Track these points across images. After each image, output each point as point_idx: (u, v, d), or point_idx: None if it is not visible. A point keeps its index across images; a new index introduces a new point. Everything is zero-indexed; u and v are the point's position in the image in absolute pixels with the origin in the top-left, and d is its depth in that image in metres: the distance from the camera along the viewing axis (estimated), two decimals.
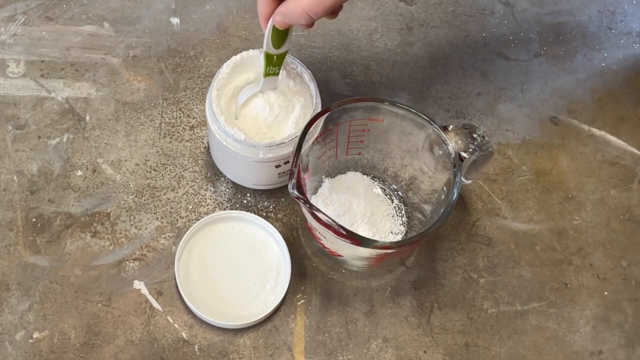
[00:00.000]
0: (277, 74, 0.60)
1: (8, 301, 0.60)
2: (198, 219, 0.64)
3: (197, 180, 0.66)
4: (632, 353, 0.61)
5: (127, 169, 0.66)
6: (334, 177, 0.65)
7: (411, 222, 0.63)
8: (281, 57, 0.59)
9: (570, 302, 0.63)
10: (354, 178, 0.65)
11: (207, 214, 0.64)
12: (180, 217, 0.64)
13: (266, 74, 0.59)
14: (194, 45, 0.74)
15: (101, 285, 0.61)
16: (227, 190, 0.66)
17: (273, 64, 0.59)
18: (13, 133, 0.68)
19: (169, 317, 0.60)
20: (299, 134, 0.55)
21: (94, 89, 0.70)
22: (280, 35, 0.57)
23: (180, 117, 0.69)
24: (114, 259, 0.62)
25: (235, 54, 0.61)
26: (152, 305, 0.60)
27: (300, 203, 0.52)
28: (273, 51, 0.58)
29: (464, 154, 0.55)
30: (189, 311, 0.60)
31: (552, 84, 0.74)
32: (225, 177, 0.66)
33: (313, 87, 0.61)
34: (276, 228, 0.62)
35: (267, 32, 0.56)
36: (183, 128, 0.69)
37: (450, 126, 0.56)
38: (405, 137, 0.60)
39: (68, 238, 0.63)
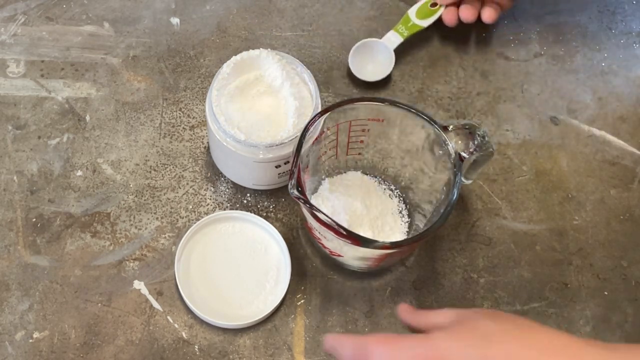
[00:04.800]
0: (403, 37, 0.72)
1: (8, 301, 0.60)
2: (198, 219, 0.64)
3: (197, 180, 0.66)
4: None
5: (127, 169, 0.66)
6: (334, 177, 0.65)
7: (411, 222, 0.63)
8: (413, 28, 0.72)
9: (570, 302, 0.63)
10: (354, 178, 0.65)
11: (207, 214, 0.64)
12: (180, 217, 0.64)
13: (395, 29, 0.72)
14: (194, 45, 0.74)
15: (101, 285, 0.61)
16: (227, 190, 0.66)
17: (406, 26, 0.72)
18: (13, 133, 0.68)
19: (169, 317, 0.60)
20: (299, 134, 0.55)
21: (94, 89, 0.70)
22: (426, 11, 0.72)
23: (180, 117, 0.69)
24: (114, 259, 0.62)
25: (235, 54, 0.61)
26: (152, 305, 0.60)
27: (300, 203, 0.52)
28: (412, 16, 0.72)
29: (464, 154, 0.55)
30: (189, 311, 0.60)
31: (552, 84, 0.74)
32: (225, 177, 0.66)
33: (313, 87, 0.61)
34: (276, 228, 0.62)
35: (421, 3, 0.73)
36: (183, 128, 0.69)
37: (450, 126, 0.56)
38: (405, 137, 0.60)
39: (68, 238, 0.63)
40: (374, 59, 0.72)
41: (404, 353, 0.43)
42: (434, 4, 0.74)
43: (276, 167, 0.61)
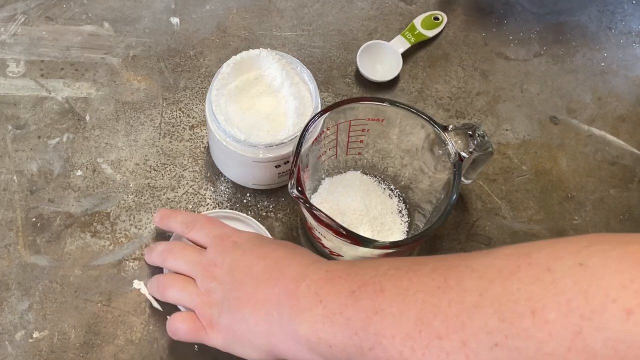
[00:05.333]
0: (410, 43, 0.74)
1: (8, 301, 0.60)
2: None
3: (197, 180, 0.66)
4: None
5: (127, 169, 0.67)
6: (334, 177, 0.65)
7: (411, 222, 0.63)
8: (419, 36, 0.74)
9: None
10: (354, 178, 0.65)
11: None
12: None
13: (403, 34, 0.74)
14: (194, 45, 0.74)
15: (101, 285, 0.61)
16: (227, 190, 0.66)
17: (412, 34, 0.74)
18: (13, 133, 0.68)
19: (169, 317, 0.60)
20: (299, 134, 0.55)
21: (94, 89, 0.70)
22: (431, 23, 0.76)
23: (180, 117, 0.69)
24: (114, 259, 0.62)
25: (235, 54, 0.61)
26: (152, 305, 0.60)
27: (300, 203, 0.52)
28: (418, 26, 0.75)
29: (464, 154, 0.55)
30: None
31: (552, 84, 0.74)
32: (225, 177, 0.66)
33: (313, 87, 0.61)
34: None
35: (425, 15, 0.76)
36: (183, 128, 0.69)
37: (450, 126, 0.56)
38: (405, 137, 0.60)
39: (68, 238, 0.63)
40: (382, 60, 0.73)
41: (218, 228, 0.57)
42: (437, 18, 0.76)
43: (276, 167, 0.61)
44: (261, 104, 0.61)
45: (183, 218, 0.59)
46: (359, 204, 0.62)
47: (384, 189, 0.65)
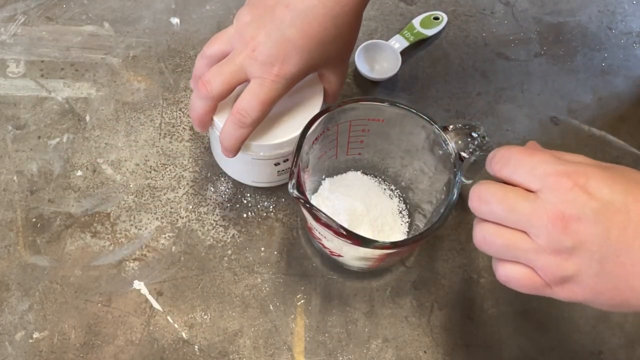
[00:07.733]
0: (409, 41, 0.74)
1: (8, 301, 0.60)
2: (198, 219, 0.64)
3: (197, 180, 0.66)
4: (632, 353, 0.61)
5: (127, 169, 0.66)
6: (334, 177, 0.65)
7: (411, 222, 0.63)
8: (417, 35, 0.75)
9: (571, 303, 0.63)
10: (354, 178, 0.65)
11: (207, 214, 0.64)
12: (180, 217, 0.64)
13: (401, 33, 0.74)
14: (194, 45, 0.74)
15: (101, 285, 0.61)
16: (227, 190, 0.66)
17: (411, 33, 0.75)
18: (13, 133, 0.68)
19: (169, 317, 0.60)
20: (299, 133, 0.55)
21: (94, 89, 0.70)
22: (430, 22, 0.76)
23: (180, 117, 0.69)
24: (114, 259, 0.62)
25: None
26: (152, 305, 0.60)
27: (300, 203, 0.52)
28: (416, 25, 0.76)
29: (464, 154, 0.55)
30: (189, 311, 0.60)
31: (552, 84, 0.74)
32: (225, 177, 0.66)
33: None
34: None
35: (425, 15, 0.77)
36: (183, 128, 0.69)
37: (450, 126, 0.56)
38: (405, 137, 0.60)
39: (68, 238, 0.63)
40: (380, 59, 0.73)
41: (546, 164, 0.43)
42: (437, 18, 0.76)
43: (275, 164, 0.61)
44: None
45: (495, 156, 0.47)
46: (359, 204, 0.62)
47: (384, 189, 0.65)
